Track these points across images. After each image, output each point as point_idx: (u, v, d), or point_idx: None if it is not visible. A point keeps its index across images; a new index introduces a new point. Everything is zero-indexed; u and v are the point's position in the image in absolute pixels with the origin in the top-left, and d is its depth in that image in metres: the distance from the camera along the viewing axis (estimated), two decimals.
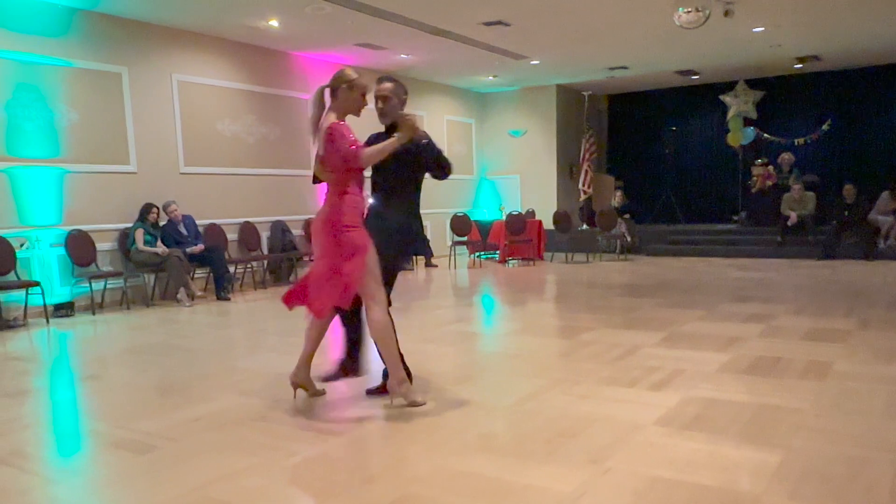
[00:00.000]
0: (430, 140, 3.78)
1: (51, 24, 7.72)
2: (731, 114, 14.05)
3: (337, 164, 3.59)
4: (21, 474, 3.07)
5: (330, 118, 3.61)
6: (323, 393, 4.03)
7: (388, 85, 3.78)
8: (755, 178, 13.14)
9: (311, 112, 3.68)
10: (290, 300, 3.85)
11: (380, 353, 3.75)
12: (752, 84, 13.86)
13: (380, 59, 11.19)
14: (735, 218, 13.80)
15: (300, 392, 4.00)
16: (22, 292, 7.24)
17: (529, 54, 11.34)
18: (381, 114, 3.78)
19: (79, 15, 7.96)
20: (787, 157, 13.25)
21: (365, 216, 3.77)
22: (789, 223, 11.69)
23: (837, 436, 3.19)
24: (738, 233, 12.96)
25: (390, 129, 3.74)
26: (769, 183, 12.93)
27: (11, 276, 7.17)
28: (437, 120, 13.65)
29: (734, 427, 3.33)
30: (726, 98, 14.11)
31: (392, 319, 3.75)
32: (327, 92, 3.70)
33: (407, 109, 3.87)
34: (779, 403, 3.67)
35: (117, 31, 8.33)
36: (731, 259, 11.59)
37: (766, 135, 13.82)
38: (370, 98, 3.73)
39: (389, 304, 3.75)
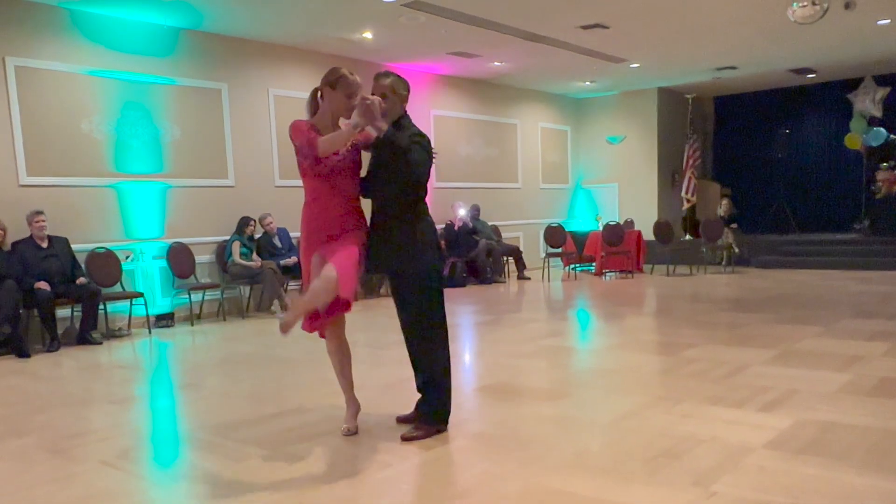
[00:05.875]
0: (394, 133, 3.41)
1: (157, 44, 8.23)
2: (854, 114, 13.31)
3: (304, 168, 3.61)
4: (126, 477, 3.27)
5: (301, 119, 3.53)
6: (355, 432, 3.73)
7: (385, 81, 3.51)
8: (880, 184, 12.37)
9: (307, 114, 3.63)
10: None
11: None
12: (879, 81, 13.11)
13: (473, 67, 11.29)
14: (857, 226, 13.03)
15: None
16: (127, 303, 7.72)
17: (629, 57, 11.17)
18: (381, 113, 3.39)
19: (183, 34, 8.46)
20: None
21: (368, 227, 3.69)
22: None
23: None
24: (861, 243, 12.23)
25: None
26: None
27: (117, 288, 7.66)
28: (530, 128, 13.56)
29: (856, 452, 3.15)
30: (850, 96, 13.39)
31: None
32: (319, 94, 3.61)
33: (500, 117, 3.80)
34: None
35: (218, 48, 8.79)
36: (853, 272, 10.95)
37: (892, 135, 13.01)
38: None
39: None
